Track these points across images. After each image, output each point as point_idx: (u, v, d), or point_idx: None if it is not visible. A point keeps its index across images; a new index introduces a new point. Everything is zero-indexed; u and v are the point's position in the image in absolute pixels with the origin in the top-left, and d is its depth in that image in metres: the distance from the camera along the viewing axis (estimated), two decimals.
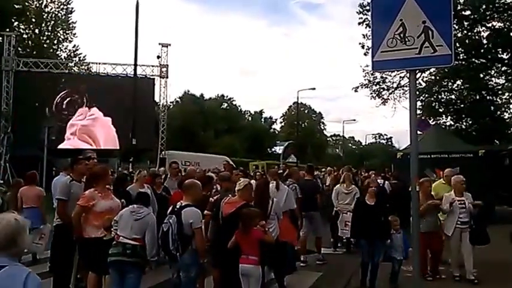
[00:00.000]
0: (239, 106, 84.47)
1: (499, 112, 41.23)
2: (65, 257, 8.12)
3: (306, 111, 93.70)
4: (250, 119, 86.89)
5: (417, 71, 7.50)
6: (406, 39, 6.03)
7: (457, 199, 10.08)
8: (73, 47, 49.43)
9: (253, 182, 8.63)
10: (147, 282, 8.21)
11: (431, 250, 10.20)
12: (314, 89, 63.89)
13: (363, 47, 28.49)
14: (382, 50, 6.21)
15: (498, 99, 38.14)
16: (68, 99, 33.11)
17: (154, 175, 11.92)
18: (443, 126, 35.87)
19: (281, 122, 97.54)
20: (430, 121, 32.19)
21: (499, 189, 18.48)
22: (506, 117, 43.43)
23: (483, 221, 10.11)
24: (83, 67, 40.29)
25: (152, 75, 35.58)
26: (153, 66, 35.40)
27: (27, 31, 45.96)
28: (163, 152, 34.32)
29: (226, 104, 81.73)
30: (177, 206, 7.03)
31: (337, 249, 13.55)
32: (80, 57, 48.60)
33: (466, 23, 25.88)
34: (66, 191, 8.17)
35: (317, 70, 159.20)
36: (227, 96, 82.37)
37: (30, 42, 45.84)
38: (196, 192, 7.31)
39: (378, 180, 15.88)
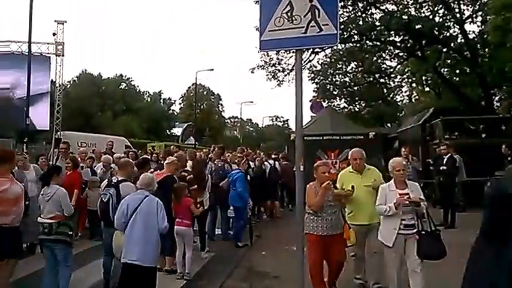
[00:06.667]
0: (138, 86, 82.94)
1: (391, 95, 42.56)
2: None
3: (204, 93, 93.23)
4: (149, 99, 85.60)
5: (304, 50, 7.55)
6: (293, 18, 6.06)
7: (399, 193, 7.15)
8: None
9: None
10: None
11: (330, 261, 7.55)
12: (212, 70, 64.47)
13: (257, 29, 28.42)
14: (269, 29, 6.24)
15: (391, 83, 39.20)
16: None
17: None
18: (336, 109, 36.73)
19: (180, 104, 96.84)
20: (324, 104, 32.78)
21: (387, 171, 19.14)
22: (398, 100, 44.96)
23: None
24: None
25: (48, 53, 34.49)
26: (48, 43, 34.35)
27: None
28: (58, 133, 33.38)
29: (124, 84, 79.88)
30: (114, 180, 8.08)
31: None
32: None
33: (360, 5, 26.34)
34: None
35: (217, 50, 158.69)
36: (125, 76, 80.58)
37: None
38: (129, 170, 8.43)
39: (270, 161, 16.38)
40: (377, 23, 25.04)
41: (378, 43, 28.09)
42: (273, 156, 18.24)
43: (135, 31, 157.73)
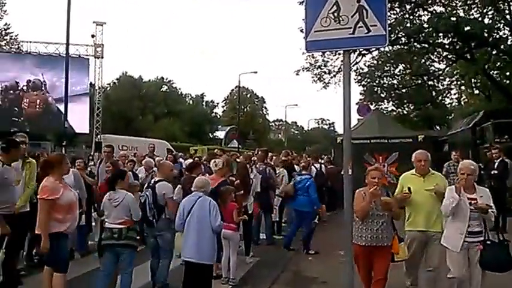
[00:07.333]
0: (179, 89, 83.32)
1: (440, 98, 42.04)
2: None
3: (248, 96, 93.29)
4: (191, 102, 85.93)
5: (352, 52, 7.34)
6: (340, 19, 5.94)
7: (467, 197, 6.71)
8: (4, 25, 47.20)
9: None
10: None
11: (375, 275, 6.96)
12: (256, 72, 63.24)
13: (302, 31, 28.15)
14: (315, 29, 6.10)
15: (439, 85, 38.76)
16: None
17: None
18: (384, 112, 36.41)
19: (223, 106, 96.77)
20: (372, 106, 32.45)
21: None
22: (447, 103, 44.38)
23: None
24: (14, 46, 38.88)
25: (86, 55, 34.76)
26: (87, 45, 34.69)
27: None
28: (98, 136, 33.62)
29: (166, 87, 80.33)
30: (152, 182, 8.63)
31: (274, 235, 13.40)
32: (11, 36, 45.89)
33: (408, 7, 25.95)
34: None
35: (260, 53, 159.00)
36: (167, 79, 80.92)
37: None
38: (167, 171, 8.98)
39: (315, 165, 16.10)
40: (425, 25, 24.57)
41: (426, 45, 27.62)
42: (321, 160, 17.87)
43: (176, 33, 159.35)
